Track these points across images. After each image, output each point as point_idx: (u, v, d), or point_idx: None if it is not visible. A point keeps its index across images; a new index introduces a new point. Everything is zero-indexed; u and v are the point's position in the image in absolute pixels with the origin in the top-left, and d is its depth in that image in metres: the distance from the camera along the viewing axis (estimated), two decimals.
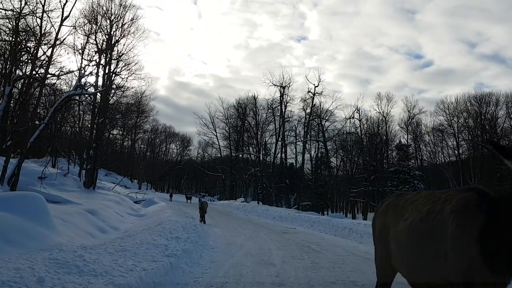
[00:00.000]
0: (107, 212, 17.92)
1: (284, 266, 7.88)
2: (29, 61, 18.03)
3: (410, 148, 51.00)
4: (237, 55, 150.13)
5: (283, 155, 48.51)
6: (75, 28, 17.54)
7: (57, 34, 15.29)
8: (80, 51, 21.59)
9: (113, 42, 28.32)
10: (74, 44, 21.68)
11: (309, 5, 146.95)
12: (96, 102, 26.58)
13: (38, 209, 7.66)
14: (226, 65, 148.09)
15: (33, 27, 17.65)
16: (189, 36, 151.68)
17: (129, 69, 28.71)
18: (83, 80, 23.51)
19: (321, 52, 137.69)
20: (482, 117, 50.94)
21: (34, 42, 17.90)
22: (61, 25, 15.27)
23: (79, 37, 29.15)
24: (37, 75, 17.45)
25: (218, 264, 7.81)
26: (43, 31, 16.75)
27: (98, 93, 26.17)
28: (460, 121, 53.25)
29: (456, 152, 54.88)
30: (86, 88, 20.34)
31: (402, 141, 51.99)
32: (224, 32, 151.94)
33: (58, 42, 15.99)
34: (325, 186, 47.96)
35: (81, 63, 21.21)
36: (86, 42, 22.24)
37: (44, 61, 16.82)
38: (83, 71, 20.43)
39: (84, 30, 21.48)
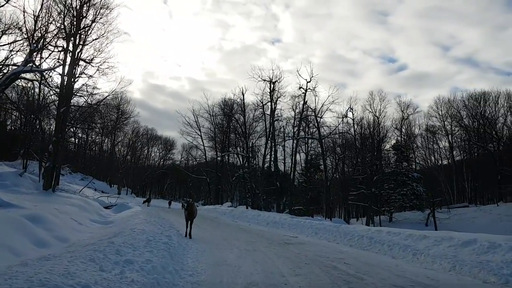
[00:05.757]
0: (60, 219, 14.07)
1: None
2: None
3: (409, 149, 48.08)
4: (211, 57, 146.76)
5: (272, 156, 44.85)
6: None
7: None
8: (32, 16, 17.31)
9: (82, 26, 24.50)
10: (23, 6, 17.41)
11: (281, 6, 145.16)
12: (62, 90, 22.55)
13: None
14: (201, 68, 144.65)
15: None
16: (161, 37, 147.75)
17: (100, 56, 24.80)
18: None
19: (296, 55, 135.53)
20: (478, 117, 48.17)
21: None
22: None
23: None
24: None
25: None
26: None
27: (62, 79, 22.18)
28: (454, 122, 50.71)
29: (449, 154, 52.41)
30: (38, 65, 16.41)
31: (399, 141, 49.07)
32: (197, 33, 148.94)
33: None
34: (315, 190, 44.52)
35: (33, 33, 17.16)
36: (41, 8, 17.93)
37: None
38: (35, 45, 16.49)
39: None
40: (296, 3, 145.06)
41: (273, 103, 42.51)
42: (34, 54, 19.10)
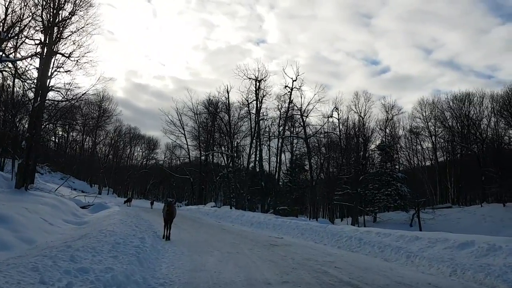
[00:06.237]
0: (29, 219, 13.09)
1: None
2: None
3: (393, 149, 47.91)
4: (196, 56, 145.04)
5: (257, 156, 44.05)
6: None
7: None
8: (3, 3, 16.13)
9: (60, 19, 23.44)
10: None
11: (266, 7, 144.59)
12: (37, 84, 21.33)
13: None
14: (185, 67, 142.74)
15: None
16: (145, 36, 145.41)
17: (79, 49, 23.59)
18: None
19: (281, 56, 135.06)
20: (462, 118, 48.26)
21: None
22: None
23: None
24: None
25: None
26: None
27: (39, 73, 21.03)
28: (437, 123, 50.82)
29: (432, 155, 52.50)
30: (8, 54, 15.29)
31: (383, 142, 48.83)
32: (181, 32, 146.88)
33: None
34: (300, 190, 43.97)
35: (3, 21, 16.04)
36: None
37: None
38: (5, 33, 15.39)
39: None
40: (281, 4, 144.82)
41: (258, 101, 41.76)
42: (8, 45, 18.02)
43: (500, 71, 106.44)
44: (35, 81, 21.80)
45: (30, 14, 20.00)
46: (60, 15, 24.44)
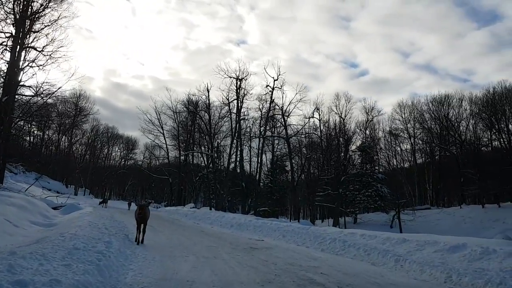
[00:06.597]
0: None
1: None
2: None
3: (373, 150, 47.86)
4: (176, 56, 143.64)
5: (238, 156, 43.27)
6: None
7: None
8: None
9: (33, 11, 22.36)
10: None
11: (246, 7, 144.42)
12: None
13: None
14: (165, 67, 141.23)
15: None
16: (123, 35, 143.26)
17: (52, 44, 22.44)
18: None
19: (261, 57, 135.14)
20: (441, 119, 48.57)
21: None
22: None
23: None
24: None
25: None
26: None
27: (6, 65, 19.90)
28: (416, 125, 51.11)
29: (411, 157, 52.78)
30: None
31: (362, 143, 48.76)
32: (161, 32, 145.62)
33: None
34: (281, 191, 43.45)
35: None
36: None
37: None
38: None
39: None
40: (261, 5, 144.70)
41: (239, 101, 41.01)
42: None
43: (475, 75, 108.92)
44: (4, 76, 20.64)
45: (4, 9, 18.96)
46: (32, 7, 23.34)
